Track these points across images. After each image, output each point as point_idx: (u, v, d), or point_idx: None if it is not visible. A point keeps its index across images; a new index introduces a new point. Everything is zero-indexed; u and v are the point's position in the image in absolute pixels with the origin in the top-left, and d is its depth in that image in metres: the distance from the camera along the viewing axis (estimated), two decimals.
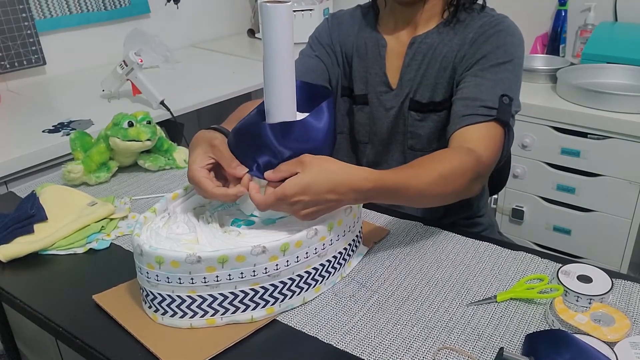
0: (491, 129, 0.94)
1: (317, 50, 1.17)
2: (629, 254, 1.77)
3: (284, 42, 0.76)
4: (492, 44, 0.99)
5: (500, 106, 0.95)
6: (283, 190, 0.75)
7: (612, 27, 2.04)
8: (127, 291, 0.82)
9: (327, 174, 0.75)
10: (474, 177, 0.89)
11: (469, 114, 0.95)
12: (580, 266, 0.82)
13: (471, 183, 0.89)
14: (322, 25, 1.21)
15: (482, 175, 0.92)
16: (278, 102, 0.80)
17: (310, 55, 1.17)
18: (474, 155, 0.89)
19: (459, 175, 0.87)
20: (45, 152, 1.39)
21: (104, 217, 1.01)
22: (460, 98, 0.98)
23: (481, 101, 0.95)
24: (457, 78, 1.03)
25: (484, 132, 0.94)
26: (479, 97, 0.96)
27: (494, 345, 0.71)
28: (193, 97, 1.75)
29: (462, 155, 0.89)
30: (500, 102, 0.95)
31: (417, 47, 1.07)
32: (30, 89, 1.89)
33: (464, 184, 0.88)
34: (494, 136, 0.94)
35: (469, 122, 0.94)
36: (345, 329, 0.74)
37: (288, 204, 0.75)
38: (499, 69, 0.98)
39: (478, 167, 0.89)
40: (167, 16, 2.34)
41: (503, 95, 0.96)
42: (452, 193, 0.88)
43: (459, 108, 0.97)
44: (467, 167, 0.88)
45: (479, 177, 0.91)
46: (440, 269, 0.87)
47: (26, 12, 1.84)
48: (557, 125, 1.76)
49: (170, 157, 1.25)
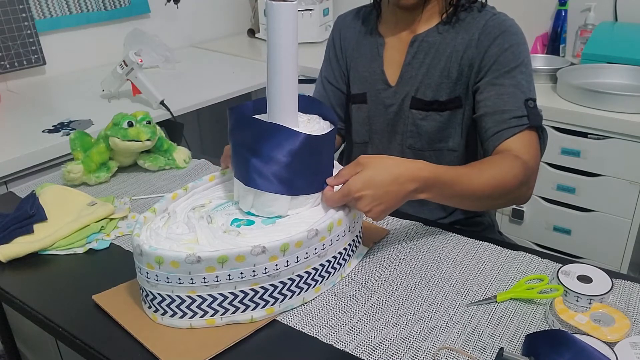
0: (527, 136, 0.97)
1: (326, 70, 1.24)
2: (629, 254, 1.77)
3: (288, 40, 0.78)
4: (498, 46, 1.00)
5: (529, 111, 0.97)
6: (348, 187, 0.79)
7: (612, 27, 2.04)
8: (127, 291, 0.82)
9: (386, 168, 0.80)
10: (524, 180, 0.91)
11: (504, 129, 0.97)
12: (580, 266, 0.82)
13: (521, 187, 0.92)
14: (329, 35, 1.25)
15: (531, 181, 0.94)
16: (281, 99, 0.81)
17: (322, 78, 1.24)
18: (521, 161, 0.92)
19: (510, 178, 0.89)
20: (45, 152, 1.39)
21: (103, 217, 1.01)
22: (487, 113, 0.99)
23: (509, 112, 0.97)
24: (471, 85, 1.04)
25: (522, 141, 0.96)
26: (506, 108, 0.97)
27: (494, 345, 0.71)
28: (193, 97, 1.75)
29: (510, 160, 0.92)
30: (526, 107, 0.97)
31: (418, 45, 1.07)
32: (30, 89, 1.89)
33: (514, 188, 0.90)
34: (532, 141, 0.97)
35: (505, 136, 0.96)
36: (345, 329, 0.74)
37: (354, 199, 0.79)
38: (514, 73, 0.99)
39: (527, 172, 0.92)
40: (167, 16, 2.34)
41: (527, 100, 0.98)
42: (503, 197, 0.91)
43: (491, 125, 0.98)
44: (517, 171, 0.91)
45: (528, 182, 0.93)
46: (440, 269, 0.87)
47: (26, 12, 1.84)
48: (557, 125, 1.76)
49: (170, 157, 1.25)
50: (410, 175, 0.81)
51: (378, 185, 0.79)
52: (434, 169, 0.83)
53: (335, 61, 1.21)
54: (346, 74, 1.20)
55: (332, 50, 1.22)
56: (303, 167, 0.80)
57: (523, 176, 0.91)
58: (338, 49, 1.20)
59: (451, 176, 0.85)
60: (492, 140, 0.98)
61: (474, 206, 0.97)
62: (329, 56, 1.23)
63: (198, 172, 1.24)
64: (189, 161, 1.27)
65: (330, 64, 1.22)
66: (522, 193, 0.94)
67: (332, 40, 1.22)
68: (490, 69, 1.00)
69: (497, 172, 0.90)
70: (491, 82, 1.00)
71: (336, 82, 1.21)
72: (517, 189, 0.91)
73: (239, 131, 0.83)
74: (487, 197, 0.89)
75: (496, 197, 0.90)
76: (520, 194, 0.94)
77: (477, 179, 0.88)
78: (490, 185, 0.88)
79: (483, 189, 0.88)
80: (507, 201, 0.95)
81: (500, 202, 0.95)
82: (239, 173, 0.83)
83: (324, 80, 1.22)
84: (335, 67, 1.21)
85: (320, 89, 1.23)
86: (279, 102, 0.82)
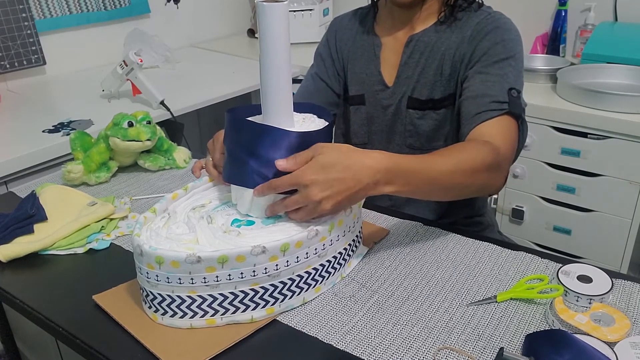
0: (505, 121, 0.94)
1: (317, 66, 1.22)
2: (629, 254, 1.77)
3: (280, 40, 0.78)
4: (490, 40, 1.00)
5: (510, 99, 0.95)
6: (299, 172, 0.74)
7: (612, 27, 2.04)
8: (127, 291, 0.82)
9: (340, 153, 0.75)
10: (494, 167, 0.88)
11: (482, 111, 0.95)
12: (580, 266, 0.82)
13: (491, 174, 0.88)
14: (324, 36, 1.24)
15: (502, 168, 0.91)
16: (274, 99, 0.81)
17: (313, 74, 1.22)
18: (492, 146, 0.89)
19: (478, 164, 0.85)
20: (45, 152, 1.39)
21: (104, 217, 1.01)
22: (469, 97, 0.98)
23: (490, 97, 0.95)
24: (460, 77, 1.03)
25: (498, 126, 0.94)
26: (488, 93, 0.96)
27: (494, 345, 0.71)
28: (193, 97, 1.75)
29: (479, 146, 0.89)
30: (509, 95, 0.95)
31: (414, 45, 1.08)
32: (30, 89, 1.89)
33: (483, 174, 0.86)
34: (509, 128, 0.94)
35: (483, 118, 0.94)
36: (345, 329, 0.74)
37: (303, 185, 0.74)
38: (503, 64, 0.98)
39: (497, 158, 0.88)
40: (167, 16, 2.34)
41: (511, 89, 0.96)
42: (472, 184, 0.87)
43: (470, 107, 0.97)
44: (486, 157, 0.87)
45: (498, 169, 0.90)
46: (440, 269, 0.87)
47: (26, 12, 1.84)
48: (557, 125, 1.76)
49: (170, 157, 1.25)
50: (366, 163, 0.75)
51: (328, 170, 0.73)
52: (395, 158, 0.78)
53: (330, 60, 1.20)
54: (342, 75, 1.20)
55: (327, 49, 1.21)
56: None
57: (492, 160, 0.87)
58: (333, 50, 1.20)
59: (415, 164, 0.79)
60: (469, 122, 0.96)
61: (444, 195, 0.91)
62: (322, 55, 1.22)
63: None
64: (189, 161, 1.27)
65: (324, 63, 1.21)
66: (492, 179, 0.89)
67: (326, 40, 1.22)
68: (479, 60, 1.00)
69: (464, 156, 0.86)
70: (478, 70, 0.99)
71: (328, 79, 1.20)
72: (486, 174, 0.87)
73: (234, 133, 0.82)
74: (456, 184, 0.84)
75: (465, 184, 0.85)
76: (490, 181, 0.89)
77: (442, 165, 0.82)
78: (458, 173, 0.84)
79: (451, 175, 0.83)
80: (478, 188, 0.89)
81: (470, 190, 0.89)
82: (235, 176, 0.82)
83: (314, 76, 1.21)
84: (329, 65, 1.20)
85: (310, 85, 1.21)
86: (273, 103, 0.81)
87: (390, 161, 0.77)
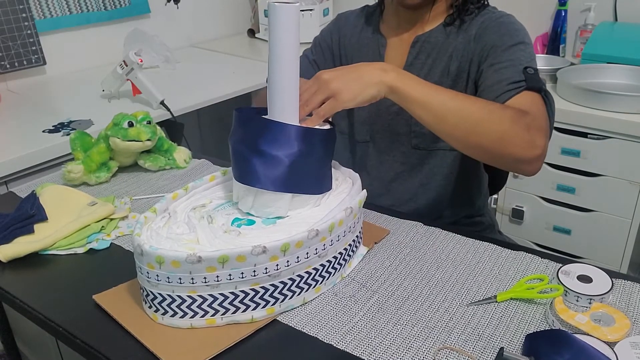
0: (527, 96, 0.90)
1: (315, 54, 1.21)
2: (629, 254, 1.77)
3: (290, 42, 0.78)
4: (496, 33, 1.00)
5: (527, 76, 0.92)
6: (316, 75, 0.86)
7: (612, 27, 2.04)
8: (127, 291, 0.82)
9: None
10: (521, 125, 0.84)
11: (500, 94, 0.92)
12: (580, 266, 0.82)
13: (522, 128, 0.84)
14: (327, 27, 1.24)
15: (532, 130, 0.85)
16: (281, 100, 0.81)
17: (309, 58, 1.21)
18: (519, 109, 0.87)
19: (504, 116, 0.85)
20: (45, 152, 1.39)
21: (104, 217, 1.01)
22: (485, 88, 0.96)
23: (506, 80, 0.93)
24: (471, 76, 1.03)
25: (521, 102, 0.90)
26: (503, 78, 0.94)
27: (494, 345, 0.71)
28: (193, 97, 1.75)
29: (507, 106, 0.89)
30: (525, 73, 0.92)
31: (420, 45, 1.07)
32: (30, 89, 1.89)
33: (509, 123, 0.84)
34: (533, 101, 0.90)
35: (503, 100, 0.91)
36: (345, 329, 0.74)
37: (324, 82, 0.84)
38: (513, 50, 0.97)
39: (526, 119, 0.85)
40: (167, 16, 2.34)
41: (526, 68, 0.93)
42: (498, 130, 0.84)
43: (488, 95, 0.94)
44: (512, 113, 0.85)
45: (528, 129, 0.84)
46: (440, 269, 0.87)
47: (26, 12, 1.84)
48: (557, 125, 1.76)
49: (170, 157, 1.25)
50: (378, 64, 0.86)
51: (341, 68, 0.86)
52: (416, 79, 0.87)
53: (329, 54, 1.20)
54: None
55: (328, 42, 1.20)
56: (304, 162, 0.81)
57: (521, 118, 0.84)
58: (336, 46, 1.19)
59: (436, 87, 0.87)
60: None
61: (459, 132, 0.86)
62: (322, 45, 1.21)
63: (198, 172, 1.24)
64: (189, 161, 1.27)
65: (323, 54, 1.20)
66: (519, 137, 0.84)
67: (329, 32, 1.21)
68: (489, 54, 0.99)
69: (490, 103, 0.87)
70: (490, 63, 0.98)
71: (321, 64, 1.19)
72: (513, 129, 0.84)
73: (241, 129, 0.83)
74: (475, 121, 0.84)
75: (485, 129, 0.84)
76: (517, 137, 0.84)
77: (466, 99, 0.87)
78: (477, 103, 0.85)
79: (467, 103, 0.85)
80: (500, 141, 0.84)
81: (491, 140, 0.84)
82: (238, 173, 0.83)
83: (313, 63, 1.20)
84: (328, 58, 1.20)
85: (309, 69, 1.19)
86: (280, 103, 0.82)
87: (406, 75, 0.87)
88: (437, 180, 1.13)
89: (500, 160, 0.89)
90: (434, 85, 0.87)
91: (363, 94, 0.84)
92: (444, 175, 1.12)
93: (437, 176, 1.12)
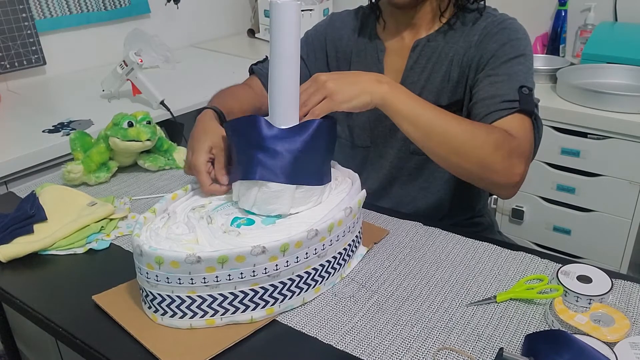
0: (518, 119, 0.92)
1: (305, 49, 1.18)
2: (629, 254, 1.77)
3: (291, 40, 0.79)
4: (497, 42, 0.99)
5: (521, 97, 0.93)
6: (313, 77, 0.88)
7: (612, 27, 2.04)
8: (127, 291, 0.82)
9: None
10: (506, 150, 0.86)
11: (492, 112, 0.93)
12: (580, 266, 0.82)
13: (503, 155, 0.86)
14: (320, 24, 1.22)
15: (514, 156, 0.87)
16: (282, 98, 0.82)
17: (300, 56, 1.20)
18: (507, 133, 0.89)
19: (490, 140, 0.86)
20: (45, 152, 1.39)
21: (103, 217, 1.01)
22: (479, 100, 0.97)
23: (500, 97, 0.93)
24: (469, 82, 1.03)
25: (511, 124, 0.91)
26: (497, 93, 0.94)
27: (494, 345, 0.71)
28: (193, 97, 1.75)
29: (495, 128, 0.90)
30: (520, 93, 0.93)
31: (420, 50, 1.07)
32: (30, 89, 1.89)
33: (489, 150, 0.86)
34: (523, 125, 0.92)
35: (494, 118, 0.92)
36: (345, 329, 0.74)
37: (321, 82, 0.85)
38: (511, 64, 0.97)
39: (510, 143, 0.87)
40: (167, 16, 2.34)
41: (522, 87, 0.94)
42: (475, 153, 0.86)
43: (480, 109, 0.96)
44: (498, 137, 0.87)
45: (510, 155, 0.87)
46: (440, 269, 0.87)
47: (26, 12, 1.84)
48: (557, 125, 1.76)
49: (170, 157, 1.25)
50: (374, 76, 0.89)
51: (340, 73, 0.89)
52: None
53: (322, 52, 1.18)
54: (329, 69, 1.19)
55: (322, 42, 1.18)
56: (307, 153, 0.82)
57: (504, 144, 0.86)
58: (331, 46, 1.18)
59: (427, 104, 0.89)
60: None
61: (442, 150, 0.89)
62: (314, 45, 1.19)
63: None
64: None
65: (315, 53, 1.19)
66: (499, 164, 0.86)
67: (323, 33, 1.19)
68: (487, 63, 0.99)
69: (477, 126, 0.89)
70: (487, 73, 0.98)
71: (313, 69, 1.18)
72: (493, 155, 0.86)
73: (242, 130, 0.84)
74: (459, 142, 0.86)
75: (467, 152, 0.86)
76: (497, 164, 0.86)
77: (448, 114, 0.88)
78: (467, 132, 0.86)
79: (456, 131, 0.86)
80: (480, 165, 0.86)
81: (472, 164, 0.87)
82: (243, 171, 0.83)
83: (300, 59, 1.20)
84: (321, 56, 1.19)
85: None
86: (280, 101, 0.82)
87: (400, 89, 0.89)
88: (437, 185, 1.12)
89: (478, 182, 0.93)
90: (425, 102, 0.89)
91: (357, 99, 0.86)
92: (444, 180, 1.12)
93: (437, 181, 1.12)
